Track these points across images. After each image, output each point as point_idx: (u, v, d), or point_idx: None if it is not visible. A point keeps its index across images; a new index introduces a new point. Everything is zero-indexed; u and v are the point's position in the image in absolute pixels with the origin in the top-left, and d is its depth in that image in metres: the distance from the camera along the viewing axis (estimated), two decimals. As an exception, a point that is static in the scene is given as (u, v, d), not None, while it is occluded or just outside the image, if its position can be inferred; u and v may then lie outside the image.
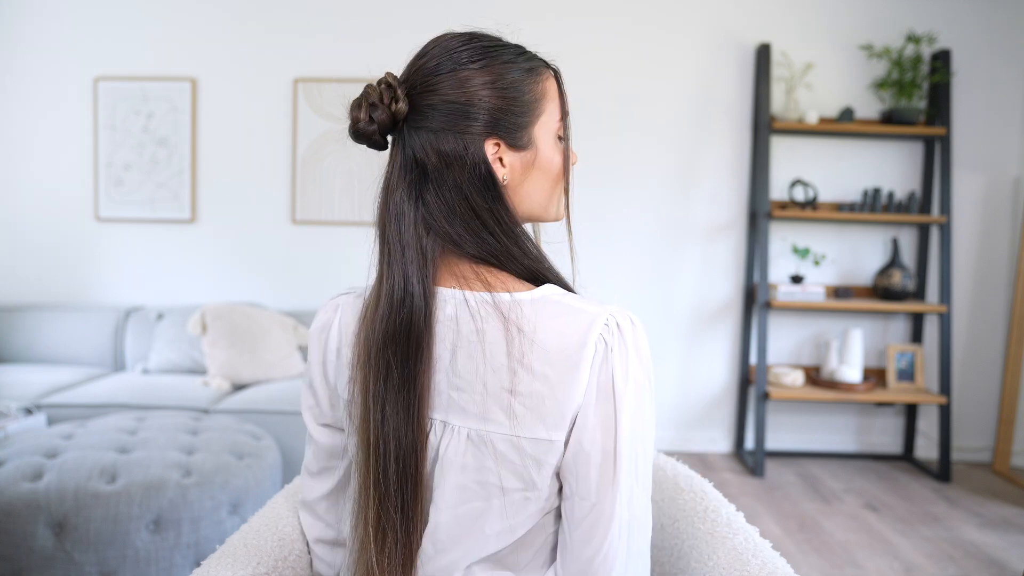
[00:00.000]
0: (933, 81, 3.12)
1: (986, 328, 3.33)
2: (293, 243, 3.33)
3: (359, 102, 0.71)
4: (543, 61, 0.75)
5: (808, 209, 3.15)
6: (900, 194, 3.26)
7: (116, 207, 3.31)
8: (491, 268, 0.72)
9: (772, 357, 3.34)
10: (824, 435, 3.38)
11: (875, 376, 3.26)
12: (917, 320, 3.32)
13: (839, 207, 3.18)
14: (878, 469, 3.20)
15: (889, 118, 3.11)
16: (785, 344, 3.35)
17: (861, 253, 3.31)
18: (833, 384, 3.10)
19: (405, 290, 0.69)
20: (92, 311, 3.15)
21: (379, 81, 0.71)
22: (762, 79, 3.12)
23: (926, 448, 3.34)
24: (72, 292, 3.35)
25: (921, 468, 3.20)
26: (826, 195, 3.27)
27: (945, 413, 3.08)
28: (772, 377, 3.16)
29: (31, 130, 3.31)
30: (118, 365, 3.12)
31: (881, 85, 3.11)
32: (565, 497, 0.70)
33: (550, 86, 0.74)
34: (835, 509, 2.70)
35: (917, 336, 3.32)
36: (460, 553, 0.70)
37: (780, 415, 3.36)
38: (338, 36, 3.25)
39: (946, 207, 3.09)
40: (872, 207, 3.12)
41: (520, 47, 0.74)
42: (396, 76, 0.72)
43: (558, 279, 0.75)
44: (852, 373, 3.10)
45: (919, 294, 3.29)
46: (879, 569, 2.22)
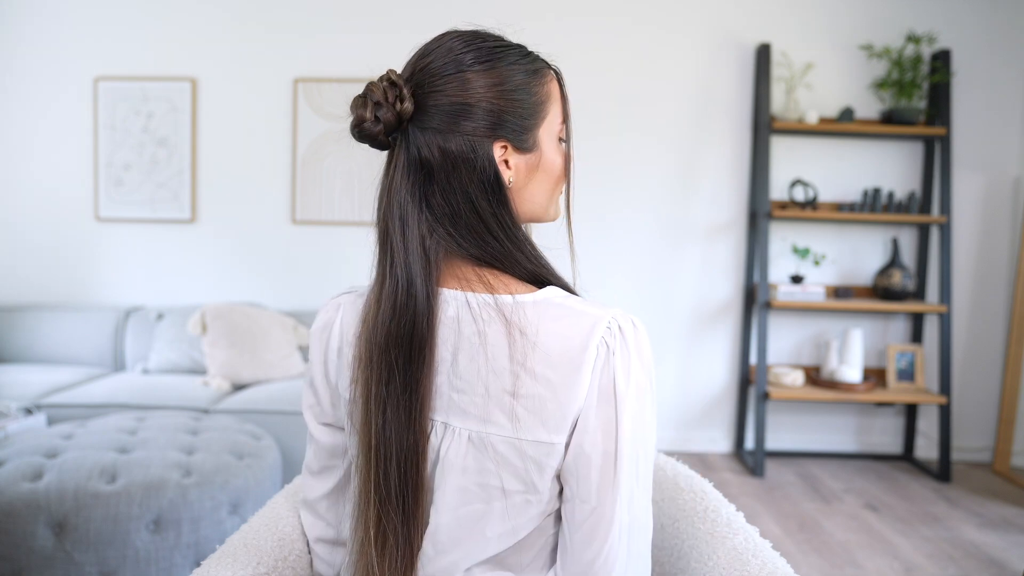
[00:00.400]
0: (933, 81, 3.12)
1: (986, 328, 3.33)
2: (293, 243, 3.33)
3: (363, 100, 0.69)
4: (545, 62, 0.74)
5: (808, 209, 3.15)
6: (900, 194, 3.26)
7: (116, 207, 3.31)
8: (493, 270, 0.72)
9: (772, 357, 3.34)
10: (824, 435, 3.38)
11: (875, 376, 3.26)
12: (917, 320, 3.32)
13: (839, 207, 3.18)
14: (878, 469, 3.20)
15: (889, 118, 3.11)
16: (785, 344, 3.35)
17: (861, 253, 3.31)
18: (833, 384, 3.10)
19: (409, 293, 0.68)
20: (92, 311, 3.15)
21: (381, 79, 0.69)
22: (762, 79, 3.12)
23: (926, 448, 3.34)
24: (72, 292, 3.35)
25: (921, 468, 3.20)
26: (826, 195, 3.27)
27: (945, 413, 3.08)
28: (772, 377, 3.16)
29: (31, 130, 3.31)
30: (118, 365, 3.12)
31: (881, 85, 3.11)
32: (566, 500, 0.70)
33: (553, 88, 0.74)
34: (835, 509, 2.70)
35: (917, 336, 3.32)
36: (460, 555, 0.70)
37: (780, 415, 3.36)
38: (338, 36, 3.25)
39: (946, 207, 3.09)
40: (872, 207, 3.12)
41: (523, 47, 0.73)
42: (399, 74, 0.70)
43: (560, 281, 0.75)
44: (852, 373, 3.10)
45: (919, 294, 3.29)
46: (879, 569, 2.22)
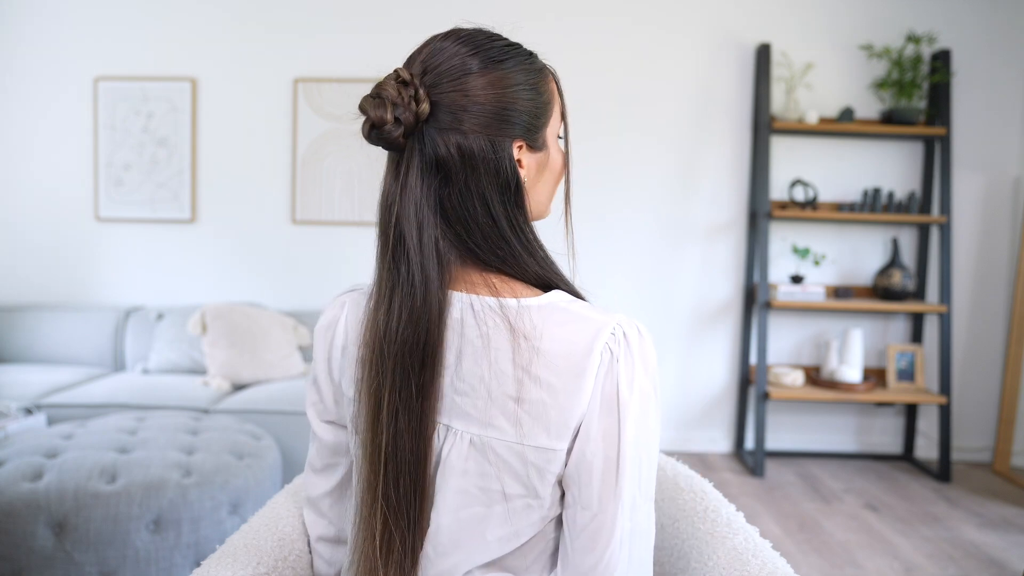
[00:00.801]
0: (933, 81, 3.12)
1: (986, 328, 3.33)
2: (293, 243, 3.33)
3: (379, 101, 0.65)
4: (543, 62, 0.75)
5: (808, 209, 3.15)
6: (900, 194, 3.26)
7: (116, 207, 3.31)
8: (500, 274, 0.71)
9: (772, 357, 3.34)
10: (824, 435, 3.38)
11: (875, 376, 3.26)
12: (917, 320, 3.32)
13: (839, 207, 3.18)
14: (878, 469, 3.20)
15: (889, 118, 3.11)
16: (785, 344, 3.35)
17: (861, 253, 3.31)
18: (833, 384, 3.10)
19: (425, 299, 0.67)
20: (92, 311, 3.15)
21: (392, 79, 0.66)
22: (762, 79, 3.12)
23: (926, 448, 3.34)
24: (72, 292, 3.35)
25: (921, 468, 3.20)
26: (826, 195, 3.27)
27: (945, 413, 3.08)
28: (772, 377, 3.16)
29: (31, 130, 3.31)
30: (118, 365, 3.12)
31: (881, 85, 3.11)
32: (567, 505, 0.69)
33: (553, 86, 0.74)
34: (835, 509, 2.70)
35: (917, 336, 3.32)
36: (461, 557, 0.70)
37: (780, 415, 3.36)
38: (338, 36, 3.25)
39: (946, 207, 3.09)
40: (872, 207, 3.12)
41: (523, 47, 0.73)
42: (410, 73, 0.67)
43: (568, 286, 0.74)
44: (852, 373, 3.10)
45: (919, 294, 3.29)
46: (879, 569, 2.21)
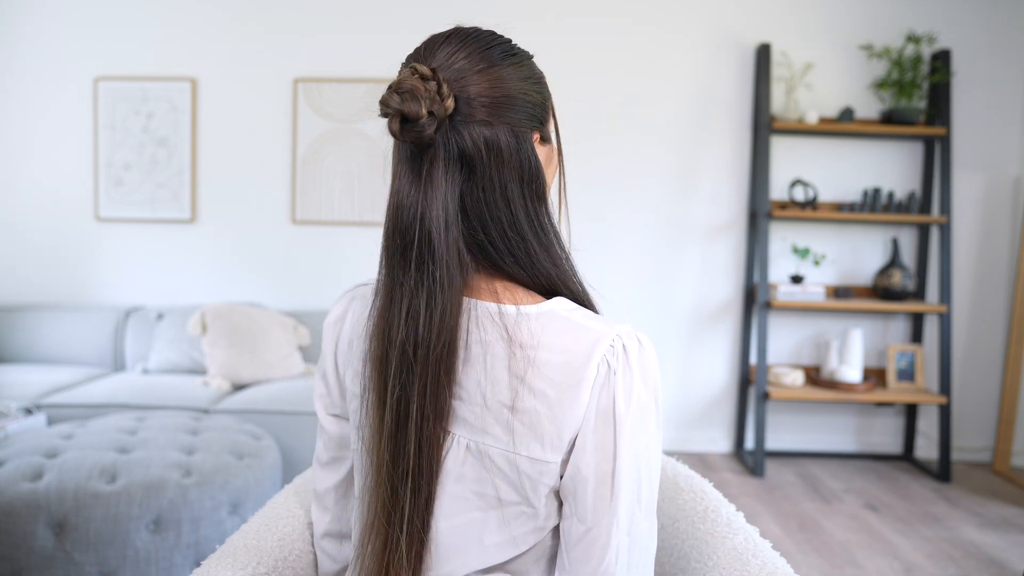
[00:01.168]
0: (933, 81, 3.12)
1: (986, 328, 3.33)
2: (293, 243, 3.33)
3: (411, 95, 0.61)
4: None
5: (808, 209, 3.15)
6: (900, 194, 3.26)
7: (116, 207, 3.31)
8: (505, 280, 0.70)
9: (772, 357, 3.34)
10: (824, 435, 3.38)
11: (875, 376, 3.26)
12: (917, 320, 3.32)
13: (839, 207, 3.18)
14: (878, 469, 3.20)
15: (889, 118, 3.11)
16: (785, 344, 3.35)
17: (861, 253, 3.31)
18: (833, 384, 3.10)
19: (449, 302, 0.65)
20: (92, 311, 3.15)
21: (408, 74, 0.63)
22: (762, 79, 3.12)
23: (926, 448, 3.34)
24: (72, 292, 3.35)
25: (921, 468, 3.20)
26: (826, 195, 3.27)
27: (945, 413, 3.08)
28: (772, 377, 3.16)
29: (31, 130, 3.31)
30: (118, 365, 3.12)
31: (881, 85, 3.11)
32: (564, 516, 0.69)
33: (545, 81, 0.76)
34: (835, 509, 2.70)
35: (917, 336, 3.32)
36: (459, 563, 0.70)
37: (780, 415, 3.36)
38: (338, 36, 3.25)
39: (946, 207, 3.09)
40: (872, 207, 3.12)
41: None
42: (428, 69, 0.64)
43: (579, 286, 0.73)
44: (852, 373, 3.10)
45: (919, 294, 3.29)
46: (879, 569, 2.21)
